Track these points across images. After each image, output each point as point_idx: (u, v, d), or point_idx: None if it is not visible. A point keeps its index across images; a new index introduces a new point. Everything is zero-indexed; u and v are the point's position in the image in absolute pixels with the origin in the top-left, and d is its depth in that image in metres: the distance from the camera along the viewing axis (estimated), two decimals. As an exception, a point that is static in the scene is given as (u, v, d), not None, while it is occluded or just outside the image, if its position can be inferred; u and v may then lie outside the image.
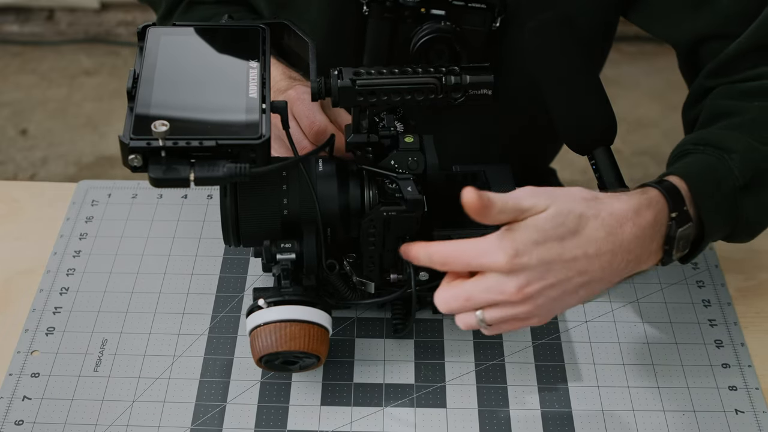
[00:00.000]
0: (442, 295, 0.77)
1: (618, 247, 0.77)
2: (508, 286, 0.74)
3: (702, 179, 0.84)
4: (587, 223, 0.76)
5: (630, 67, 2.60)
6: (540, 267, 0.74)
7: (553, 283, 0.75)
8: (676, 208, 0.81)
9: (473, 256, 0.75)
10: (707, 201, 0.83)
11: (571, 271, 0.75)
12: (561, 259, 0.75)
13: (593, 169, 0.91)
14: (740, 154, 0.85)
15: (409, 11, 0.96)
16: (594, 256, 0.76)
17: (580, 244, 0.75)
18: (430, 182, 0.85)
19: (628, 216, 0.78)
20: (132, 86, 0.78)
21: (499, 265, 0.74)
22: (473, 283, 0.76)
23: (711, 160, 0.85)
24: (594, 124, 0.91)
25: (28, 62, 2.62)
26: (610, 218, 0.77)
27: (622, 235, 0.77)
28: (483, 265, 0.75)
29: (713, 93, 0.97)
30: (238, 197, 0.83)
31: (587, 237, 0.76)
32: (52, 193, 1.09)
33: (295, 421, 0.86)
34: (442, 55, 0.96)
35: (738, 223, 0.86)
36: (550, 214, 0.75)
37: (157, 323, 0.94)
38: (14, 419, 0.85)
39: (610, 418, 0.86)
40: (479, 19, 0.97)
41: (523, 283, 0.74)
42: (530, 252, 0.74)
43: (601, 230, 0.76)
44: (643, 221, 0.78)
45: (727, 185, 0.84)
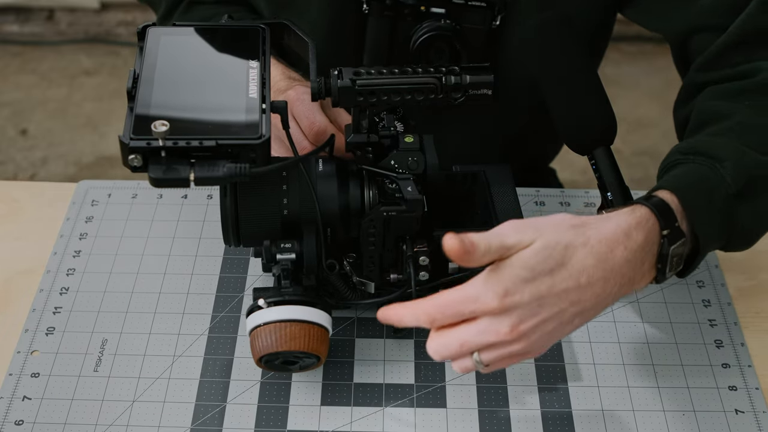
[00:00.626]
0: (434, 344, 0.74)
1: (609, 272, 0.75)
2: (502, 327, 0.72)
3: (693, 191, 0.81)
4: (575, 253, 0.74)
5: (630, 67, 2.60)
6: (532, 303, 0.72)
7: (547, 317, 0.73)
8: (668, 226, 0.78)
9: (462, 304, 0.72)
10: (700, 214, 0.81)
11: (563, 302, 0.73)
12: (552, 292, 0.73)
13: (593, 169, 0.91)
14: (731, 161, 0.83)
15: (408, 9, 0.96)
16: (586, 285, 0.74)
17: (570, 274, 0.73)
18: (430, 182, 0.85)
19: (619, 240, 0.75)
20: (132, 86, 0.78)
21: (490, 308, 0.72)
22: (465, 328, 0.73)
23: (702, 169, 0.83)
24: (594, 124, 0.91)
25: (28, 62, 2.62)
26: (600, 245, 0.74)
27: (613, 260, 0.75)
28: (474, 311, 0.72)
29: (702, 94, 0.95)
30: (238, 197, 0.83)
31: (577, 267, 0.73)
32: (52, 193, 1.09)
33: (295, 421, 0.86)
34: (442, 54, 0.96)
35: (733, 233, 0.84)
36: (537, 248, 0.73)
37: (157, 323, 0.94)
38: (14, 419, 0.85)
39: (610, 418, 0.86)
40: (479, 17, 0.97)
41: (516, 322, 0.72)
42: (521, 290, 0.72)
43: (590, 258, 0.74)
44: (633, 244, 0.76)
45: (719, 195, 0.82)
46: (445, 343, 0.74)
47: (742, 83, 0.92)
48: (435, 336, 0.74)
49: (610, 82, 2.46)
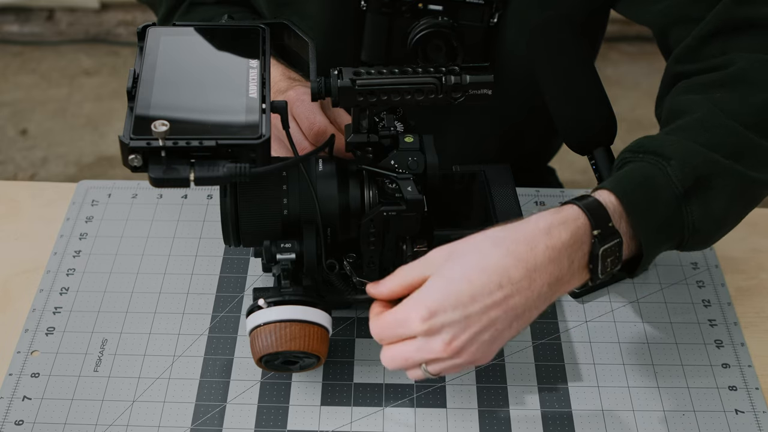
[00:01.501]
0: (384, 358, 0.77)
1: (533, 271, 0.74)
2: (435, 345, 0.73)
3: (635, 191, 0.79)
4: (490, 257, 0.74)
5: (630, 67, 2.60)
6: (459, 319, 0.73)
7: (480, 329, 0.73)
8: (599, 225, 0.76)
9: (396, 328, 0.75)
10: (642, 214, 0.79)
11: (492, 310, 0.73)
12: (476, 303, 0.73)
13: (593, 169, 0.91)
14: (678, 159, 0.80)
15: (406, 6, 0.96)
16: (509, 286, 0.73)
17: (490, 278, 0.73)
18: (430, 182, 0.85)
19: (538, 238, 0.75)
20: (132, 86, 0.78)
21: (418, 331, 0.74)
22: (406, 345, 0.75)
23: (648, 168, 0.80)
24: (594, 123, 0.91)
25: (28, 62, 2.62)
26: (516, 244, 0.74)
27: (534, 259, 0.74)
28: (406, 334, 0.75)
29: (674, 89, 0.92)
30: (238, 197, 0.83)
31: (495, 268, 0.73)
32: (52, 193, 1.09)
33: (295, 421, 0.86)
34: (440, 51, 0.96)
35: (685, 233, 0.81)
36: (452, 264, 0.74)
37: (157, 323, 0.94)
38: (14, 419, 0.85)
39: (610, 418, 0.86)
40: (477, 14, 0.97)
41: (449, 339, 0.73)
42: (443, 308, 0.72)
43: (508, 258, 0.73)
44: (556, 241, 0.75)
45: (666, 193, 0.79)
46: (392, 357, 0.77)
47: (713, 76, 0.89)
48: (384, 349, 0.77)
49: (610, 82, 2.46)
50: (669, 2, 0.95)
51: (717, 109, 0.84)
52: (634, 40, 2.61)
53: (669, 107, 0.90)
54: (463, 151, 1.11)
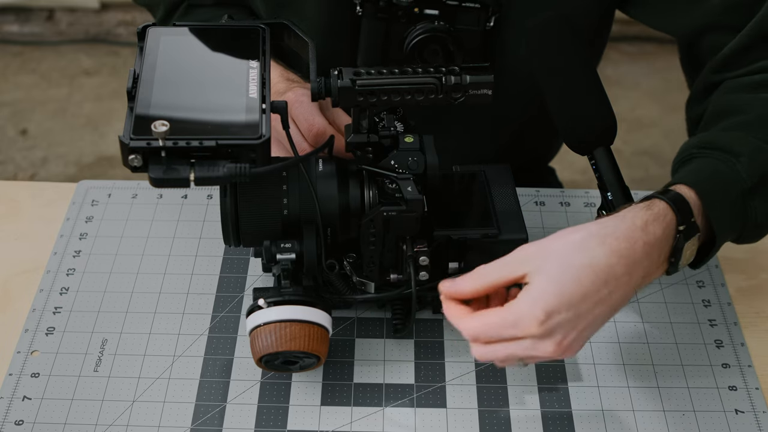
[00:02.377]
0: (483, 351, 0.77)
1: (632, 267, 0.76)
2: (548, 347, 0.75)
3: (711, 186, 0.82)
4: (597, 253, 0.75)
5: (630, 67, 2.60)
6: (571, 319, 0.74)
7: (586, 325, 0.76)
8: (684, 221, 0.79)
9: (504, 329, 0.75)
10: (717, 209, 0.82)
11: (597, 308, 0.75)
12: (585, 302, 0.74)
13: (593, 169, 0.91)
14: (747, 156, 0.84)
15: (402, 11, 0.96)
16: (614, 283, 0.75)
17: (598, 278, 0.75)
18: (430, 182, 0.85)
19: (637, 235, 0.77)
20: (132, 86, 0.78)
21: (532, 334, 0.74)
22: (514, 345, 0.75)
23: (718, 164, 0.84)
24: (594, 124, 0.91)
25: (28, 62, 2.62)
26: (618, 242, 0.76)
27: (634, 255, 0.76)
28: (516, 335, 0.75)
29: (719, 89, 0.96)
30: (238, 197, 0.83)
31: (602, 268, 0.75)
32: (52, 193, 1.09)
33: (295, 421, 0.86)
34: (437, 55, 0.96)
35: (746, 226, 0.85)
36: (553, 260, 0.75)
37: (157, 323, 0.94)
38: (14, 419, 0.85)
39: (610, 418, 0.86)
40: (473, 18, 0.97)
41: (560, 339, 0.75)
42: (557, 310, 0.73)
43: (612, 257, 0.75)
44: (651, 237, 0.77)
45: (735, 189, 0.83)
46: (494, 351, 0.76)
47: (761, 77, 0.92)
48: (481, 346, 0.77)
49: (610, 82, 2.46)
50: (699, 11, 0.96)
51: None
52: (634, 40, 2.61)
53: (716, 106, 0.93)
54: (464, 152, 1.11)
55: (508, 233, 0.87)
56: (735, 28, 0.95)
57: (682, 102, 1.06)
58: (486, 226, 0.88)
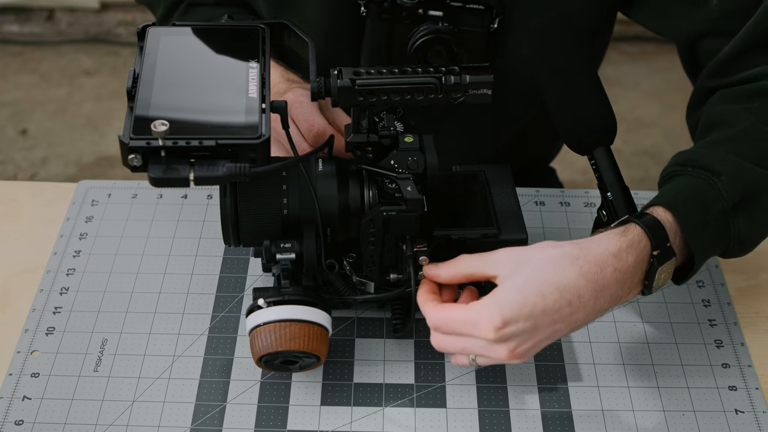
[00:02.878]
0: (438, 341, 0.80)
1: (600, 291, 0.78)
2: (500, 352, 0.77)
3: (688, 207, 0.83)
4: (565, 273, 0.77)
5: (630, 67, 2.60)
6: (528, 330, 0.76)
7: (542, 338, 0.78)
8: (659, 246, 0.80)
9: (462, 326, 0.78)
10: (694, 229, 0.82)
11: (557, 323, 0.77)
12: (546, 316, 0.76)
13: (593, 169, 0.91)
14: (728, 175, 0.84)
15: (406, 12, 0.96)
16: (578, 305, 0.77)
17: (562, 296, 0.76)
18: (430, 182, 0.85)
19: (608, 261, 0.78)
20: (132, 86, 0.78)
21: (487, 338, 0.76)
22: (469, 341, 0.78)
23: (698, 182, 0.85)
24: (594, 124, 0.91)
25: (28, 62, 2.62)
26: (589, 266, 0.77)
27: (603, 280, 0.78)
28: (472, 335, 0.77)
29: (712, 98, 0.96)
30: (238, 197, 0.83)
31: (569, 289, 0.77)
32: (52, 193, 1.09)
33: (295, 421, 0.86)
34: (440, 56, 0.96)
35: (730, 243, 0.85)
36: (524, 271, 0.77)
37: (157, 323, 0.94)
38: (14, 419, 0.85)
39: (610, 418, 0.86)
40: (477, 20, 0.97)
41: (514, 347, 0.77)
42: (515, 320, 0.75)
43: (581, 279, 0.77)
44: (623, 264, 0.79)
45: (715, 208, 0.83)
46: (450, 344, 0.80)
47: (752, 86, 0.93)
48: (439, 335, 0.80)
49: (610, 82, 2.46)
50: (697, 16, 0.97)
51: (758, 121, 0.89)
52: (634, 40, 2.61)
53: (707, 117, 0.94)
54: (464, 152, 1.11)
55: (508, 233, 0.87)
56: (731, 33, 0.95)
57: (682, 102, 1.06)
58: (486, 226, 0.88)
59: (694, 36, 0.99)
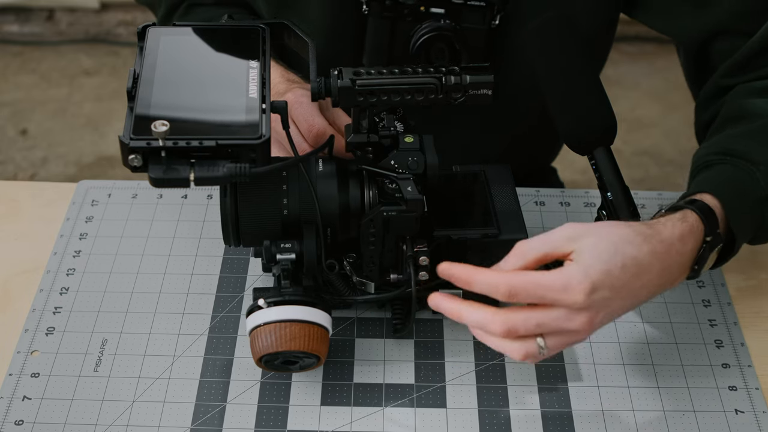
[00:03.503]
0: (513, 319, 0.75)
1: (663, 272, 0.79)
2: (581, 319, 0.75)
3: (732, 195, 0.85)
4: (641, 249, 0.77)
5: (630, 67, 2.60)
6: (607, 298, 0.76)
7: (614, 310, 0.78)
8: (711, 232, 0.82)
9: (550, 291, 0.75)
10: (739, 217, 0.84)
11: (627, 298, 0.78)
12: (623, 288, 0.76)
13: (593, 169, 0.91)
14: (766, 165, 0.86)
15: (408, 9, 0.96)
16: (646, 281, 0.78)
17: (637, 271, 0.77)
18: (430, 182, 0.85)
19: (674, 244, 0.79)
20: (132, 86, 0.78)
21: (576, 302, 0.75)
22: (546, 312, 0.75)
23: (738, 172, 0.87)
24: (594, 124, 0.91)
25: (28, 62, 2.62)
26: (660, 245, 0.78)
27: (668, 261, 0.79)
28: (558, 301, 0.75)
29: (732, 93, 0.97)
30: (238, 197, 0.83)
31: (643, 264, 0.77)
32: (52, 193, 1.09)
33: (295, 421, 0.86)
34: (443, 54, 0.96)
35: (761, 230, 0.88)
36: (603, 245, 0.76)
37: (157, 323, 0.94)
38: (14, 419, 0.85)
39: (610, 418, 0.86)
40: (479, 16, 0.97)
41: (593, 315, 0.76)
42: (601, 286, 0.75)
43: (653, 257, 0.78)
44: (686, 248, 0.80)
45: (753, 196, 0.86)
46: (524, 319, 0.75)
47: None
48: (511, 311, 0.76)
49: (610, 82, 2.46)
50: (708, 17, 0.97)
51: None
52: (634, 40, 2.61)
53: (729, 110, 0.95)
54: (465, 152, 1.11)
55: (508, 233, 0.87)
56: (745, 33, 0.96)
57: (682, 102, 1.06)
58: (486, 226, 0.88)
59: (705, 35, 0.99)
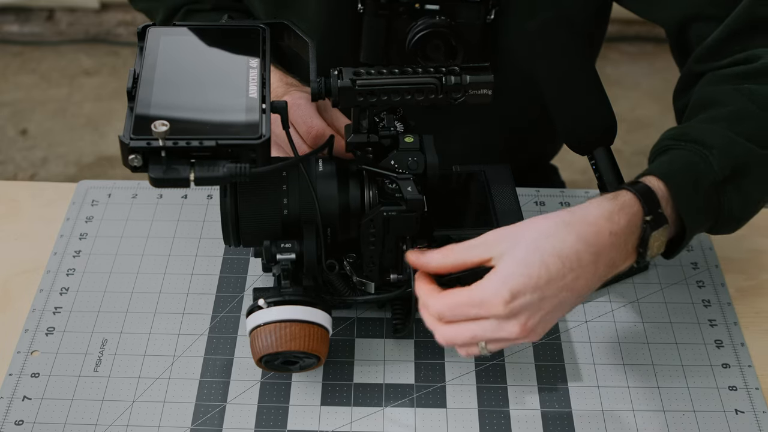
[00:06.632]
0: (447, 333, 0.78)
1: (597, 255, 0.77)
2: (512, 328, 0.76)
3: (680, 178, 0.83)
4: (565, 240, 0.76)
5: (630, 67, 2.60)
6: (536, 301, 0.75)
7: (550, 309, 0.77)
8: (651, 212, 0.80)
9: (470, 307, 0.76)
10: (687, 200, 0.82)
11: (562, 292, 0.76)
12: (551, 286, 0.75)
13: (593, 169, 0.91)
14: (719, 148, 0.84)
15: (403, 7, 0.96)
16: (578, 269, 0.76)
17: (564, 262, 0.76)
18: (430, 182, 0.85)
19: (602, 224, 0.78)
20: (132, 86, 0.78)
21: (497, 313, 0.75)
22: (478, 324, 0.76)
23: (691, 156, 0.84)
24: (594, 124, 0.91)
25: (28, 62, 2.62)
26: (585, 229, 0.77)
27: (600, 243, 0.77)
28: (481, 315, 0.76)
29: (702, 80, 0.95)
30: (238, 197, 0.83)
31: (568, 253, 0.76)
32: (52, 193, 1.09)
33: (295, 421, 0.86)
34: (439, 50, 0.96)
35: (720, 217, 0.85)
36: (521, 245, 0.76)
37: (157, 323, 0.94)
38: (14, 419, 0.85)
39: (610, 418, 0.86)
40: (473, 12, 0.97)
41: (525, 321, 0.76)
42: (523, 292, 0.74)
43: (579, 243, 0.76)
44: (617, 227, 0.78)
45: (707, 181, 0.83)
46: (456, 334, 0.77)
47: (740, 69, 0.92)
48: (445, 327, 0.78)
49: (610, 82, 2.46)
50: (685, 1, 0.96)
51: (749, 101, 0.88)
52: (634, 40, 2.61)
53: (699, 97, 0.93)
54: (466, 151, 1.11)
55: (508, 233, 0.87)
56: (719, 18, 0.94)
57: (683, 102, 1.06)
58: (486, 225, 0.88)
59: (682, 21, 0.98)
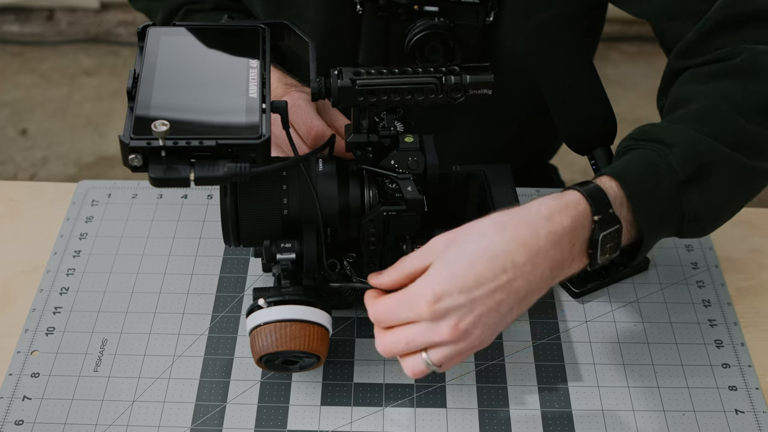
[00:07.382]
0: (382, 341, 0.77)
1: (535, 255, 0.75)
2: (442, 329, 0.74)
3: (637, 177, 0.80)
4: (495, 240, 0.75)
5: (630, 67, 2.60)
6: (465, 303, 0.74)
7: (484, 311, 0.74)
8: (599, 211, 0.77)
9: (400, 311, 0.75)
10: (644, 201, 0.80)
11: (495, 293, 0.74)
12: (481, 287, 0.74)
13: (593, 169, 0.91)
14: (680, 147, 0.81)
15: (402, 9, 0.96)
16: (512, 270, 0.74)
17: (493, 262, 0.74)
18: (429, 182, 0.85)
19: (540, 224, 0.76)
20: (132, 86, 0.78)
21: (423, 315, 0.74)
22: (410, 328, 0.75)
23: (650, 155, 0.81)
24: (594, 123, 0.91)
25: (28, 62, 2.62)
26: (519, 229, 0.75)
27: (536, 243, 0.75)
28: (410, 318, 0.75)
29: (680, 79, 0.93)
30: (238, 197, 0.83)
31: (498, 253, 0.74)
32: (52, 193, 1.09)
33: (295, 421, 0.86)
34: (437, 52, 0.96)
35: (684, 219, 0.82)
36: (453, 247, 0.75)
37: (157, 323, 0.94)
38: (14, 419, 0.85)
39: (610, 418, 0.86)
40: (472, 14, 0.97)
41: (455, 322, 0.74)
42: (449, 293, 0.73)
43: (511, 243, 0.75)
44: (557, 227, 0.76)
45: (668, 181, 0.80)
46: (392, 341, 0.76)
47: (717, 66, 0.90)
48: (382, 334, 0.77)
49: (610, 82, 2.46)
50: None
51: (721, 99, 0.85)
52: (634, 40, 2.61)
53: (673, 96, 0.90)
54: (466, 151, 1.12)
55: (508, 233, 0.87)
56: (698, 15, 0.92)
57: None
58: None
59: (665, 18, 0.96)
